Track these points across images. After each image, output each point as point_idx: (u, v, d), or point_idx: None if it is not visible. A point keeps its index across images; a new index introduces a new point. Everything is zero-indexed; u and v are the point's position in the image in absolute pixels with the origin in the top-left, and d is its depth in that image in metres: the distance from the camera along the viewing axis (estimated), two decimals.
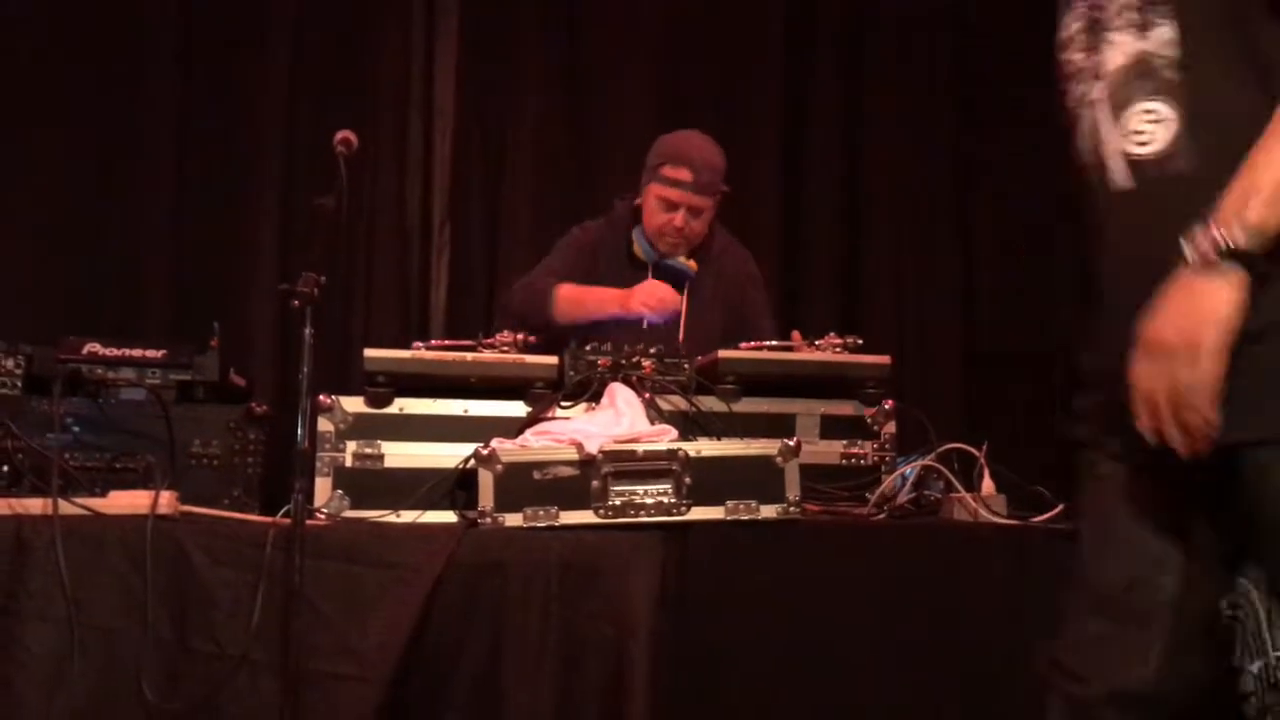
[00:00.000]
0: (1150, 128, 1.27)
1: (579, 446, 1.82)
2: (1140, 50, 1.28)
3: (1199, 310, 1.16)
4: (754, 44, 3.79)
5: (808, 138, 3.81)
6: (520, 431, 1.93)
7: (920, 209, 3.85)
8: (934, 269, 3.83)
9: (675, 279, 2.69)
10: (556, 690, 1.67)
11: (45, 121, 3.25)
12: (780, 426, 2.09)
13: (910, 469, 2.09)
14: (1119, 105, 1.31)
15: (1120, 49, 1.30)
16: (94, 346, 1.95)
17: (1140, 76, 1.28)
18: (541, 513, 1.80)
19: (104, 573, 1.61)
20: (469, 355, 2.06)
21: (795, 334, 2.37)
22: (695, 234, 2.71)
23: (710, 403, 2.10)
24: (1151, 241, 1.26)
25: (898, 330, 3.74)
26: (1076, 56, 1.37)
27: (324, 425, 1.94)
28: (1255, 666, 3.00)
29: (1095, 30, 1.34)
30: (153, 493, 1.67)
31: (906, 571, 1.85)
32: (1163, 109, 1.27)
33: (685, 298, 2.70)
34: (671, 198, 2.66)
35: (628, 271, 2.70)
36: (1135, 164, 1.29)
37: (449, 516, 1.91)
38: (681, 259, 2.72)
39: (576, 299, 2.62)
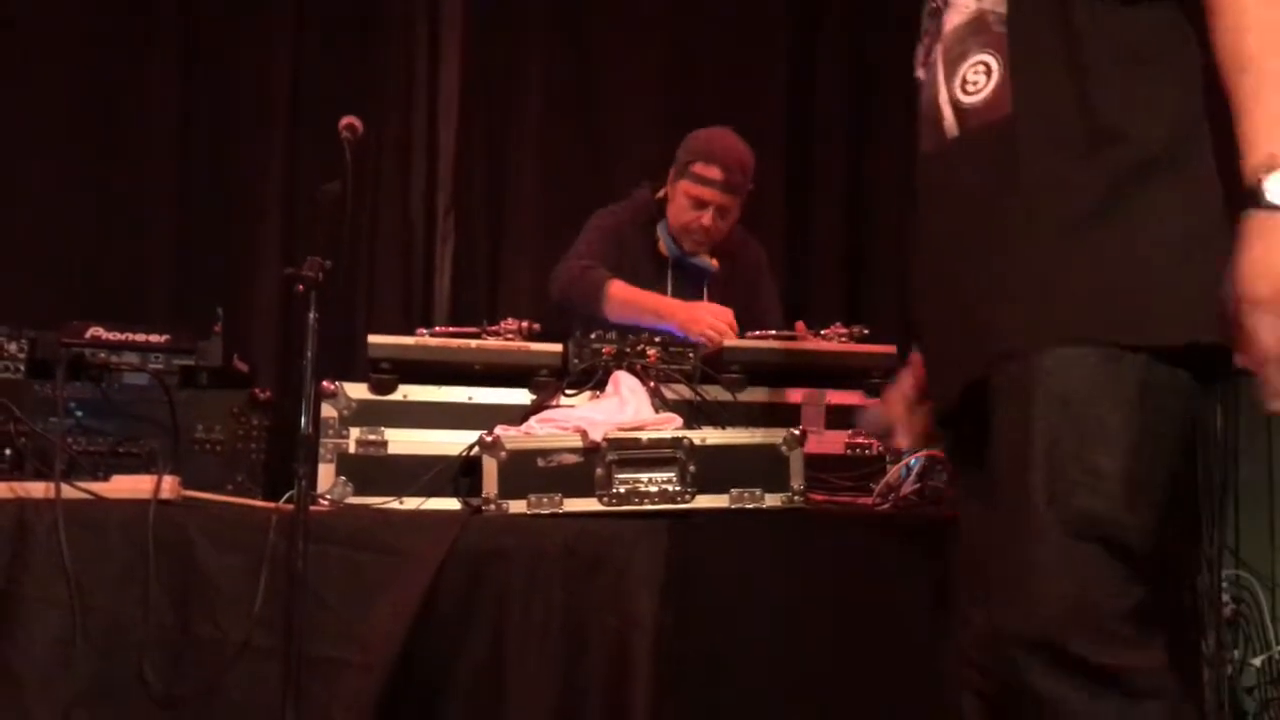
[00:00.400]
0: (979, 78, 1.32)
1: (583, 434, 1.81)
2: (978, 9, 1.34)
3: None
4: (759, 32, 3.77)
5: (812, 126, 3.79)
6: (524, 419, 1.93)
7: None
8: None
9: (696, 276, 2.69)
10: (559, 677, 1.66)
11: (48, 106, 3.25)
12: (785, 416, 2.09)
13: (915, 459, 2.08)
14: (955, 59, 1.35)
15: (960, 10, 1.36)
16: (97, 331, 1.94)
17: (975, 32, 1.33)
18: (545, 500, 1.79)
19: (106, 557, 1.61)
20: (473, 342, 2.06)
21: (799, 325, 2.36)
22: (720, 233, 2.69)
23: (715, 392, 2.09)
24: (974, 186, 1.30)
25: (903, 321, 3.73)
26: (928, 25, 1.44)
27: (327, 411, 1.93)
28: (1258, 661, 3.00)
29: (942, 6, 1.40)
30: (155, 477, 1.66)
31: (910, 562, 1.85)
32: (992, 61, 1.31)
33: (705, 295, 2.69)
34: (702, 196, 2.64)
35: (650, 267, 2.68)
36: (963, 112, 1.33)
37: (452, 504, 1.90)
38: (704, 256, 2.70)
39: (631, 301, 2.54)
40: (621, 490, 1.80)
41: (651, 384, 2.02)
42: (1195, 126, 1.27)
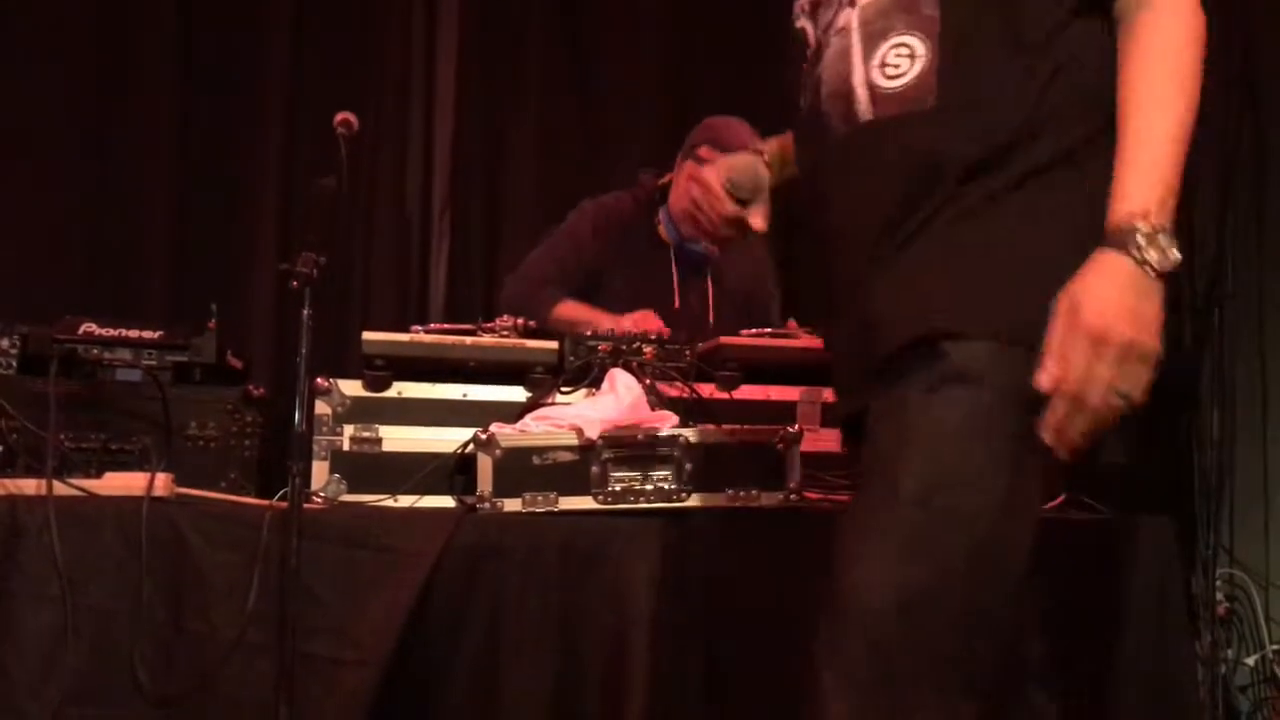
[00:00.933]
0: (902, 62, 1.23)
1: (579, 432, 1.81)
2: None
3: (1149, 313, 1.10)
4: (760, 21, 3.76)
5: None
6: (520, 416, 1.92)
7: None
8: None
9: (697, 263, 2.69)
10: (555, 675, 1.66)
11: (44, 100, 3.24)
12: (781, 413, 2.08)
13: None
14: (874, 35, 1.25)
15: None
16: (90, 327, 1.93)
17: (902, 9, 1.24)
18: (540, 498, 1.79)
19: (99, 554, 1.60)
20: (468, 339, 2.05)
21: (791, 323, 2.36)
22: None
23: (711, 389, 2.08)
24: (885, 180, 1.23)
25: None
26: None
27: (321, 408, 1.92)
28: (1252, 660, 3.01)
29: None
30: (148, 474, 1.65)
31: None
32: (917, 45, 1.22)
33: (709, 283, 2.69)
34: None
35: (649, 252, 2.70)
36: (880, 97, 1.24)
37: (447, 501, 1.89)
38: (704, 244, 2.71)
39: (571, 319, 2.57)
40: (617, 488, 1.80)
41: (647, 381, 2.02)
42: (1102, 135, 1.21)
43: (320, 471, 1.90)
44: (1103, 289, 1.10)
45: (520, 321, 2.09)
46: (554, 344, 2.06)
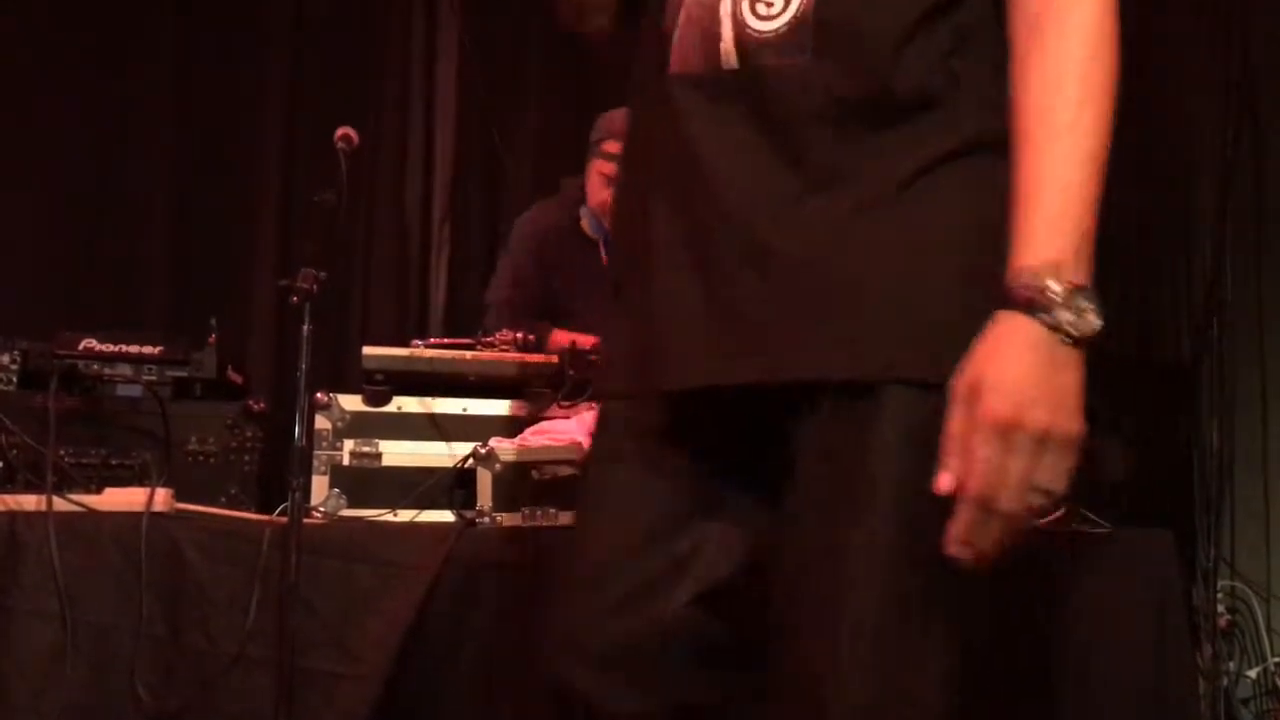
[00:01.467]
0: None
1: (578, 446, 1.81)
2: None
3: (1067, 387, 0.90)
4: None
5: None
6: (519, 431, 1.92)
7: None
8: None
9: None
10: (555, 690, 1.65)
11: (44, 114, 3.25)
12: None
13: None
14: None
15: None
16: (90, 342, 1.93)
17: None
18: (540, 512, 1.79)
19: (98, 570, 1.60)
20: (468, 354, 2.05)
21: None
22: None
23: None
24: (747, 142, 1.02)
25: None
26: None
27: (321, 423, 1.92)
28: (1254, 672, 3.00)
29: None
30: (148, 490, 1.66)
31: None
32: None
33: None
34: (610, 174, 2.67)
35: (579, 250, 2.72)
36: (748, 40, 1.01)
37: (447, 516, 1.90)
38: None
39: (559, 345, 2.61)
40: None
41: None
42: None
43: (320, 486, 1.90)
44: (1008, 364, 0.89)
45: (519, 335, 2.10)
46: (553, 358, 2.07)
